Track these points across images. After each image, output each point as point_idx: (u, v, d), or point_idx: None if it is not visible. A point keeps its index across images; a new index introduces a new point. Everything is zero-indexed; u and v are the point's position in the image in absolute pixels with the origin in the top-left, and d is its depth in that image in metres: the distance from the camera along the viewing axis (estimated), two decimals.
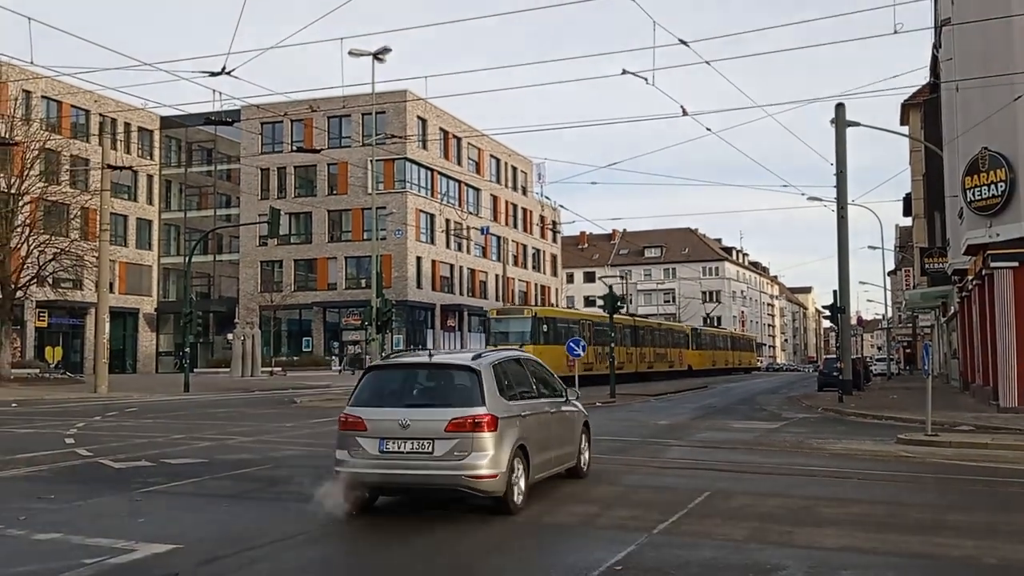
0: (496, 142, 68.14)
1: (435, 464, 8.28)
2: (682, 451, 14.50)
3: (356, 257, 58.83)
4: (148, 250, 62.60)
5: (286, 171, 61.42)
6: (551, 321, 38.09)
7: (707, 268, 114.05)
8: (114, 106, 50.90)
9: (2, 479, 10.82)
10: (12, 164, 39.33)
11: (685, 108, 20.99)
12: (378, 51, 36.14)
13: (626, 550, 6.96)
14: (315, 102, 46.74)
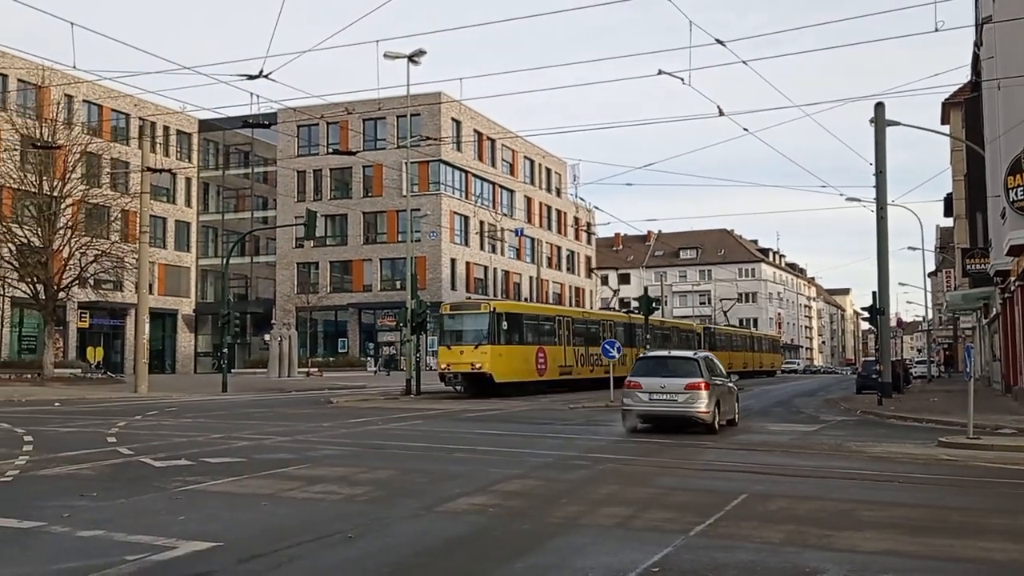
0: (530, 143, 68.15)
1: (677, 406, 17.07)
2: (718, 453, 14.40)
3: (391, 259, 59.13)
4: (186, 252, 63.34)
5: (322, 173, 61.88)
6: (515, 318, 32.62)
7: (743, 269, 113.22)
8: (153, 109, 51.63)
9: (46, 477, 10.99)
10: (55, 167, 40.00)
11: (722, 108, 20.91)
12: (413, 53, 36.35)
13: (662, 552, 6.93)
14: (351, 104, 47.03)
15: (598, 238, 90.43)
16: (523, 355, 31.64)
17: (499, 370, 29.95)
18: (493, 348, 30.10)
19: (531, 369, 31.89)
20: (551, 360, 33.43)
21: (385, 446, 14.94)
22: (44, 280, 39.61)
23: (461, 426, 19.27)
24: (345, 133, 57.63)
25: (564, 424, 19.97)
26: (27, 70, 46.03)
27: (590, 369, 36.64)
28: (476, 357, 29.72)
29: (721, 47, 18.22)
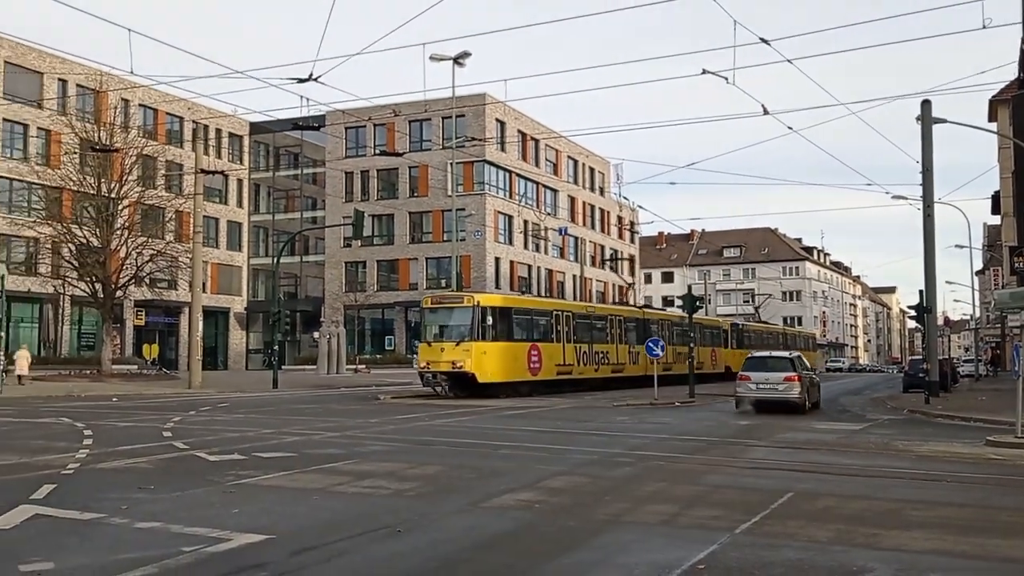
0: (574, 143, 67.98)
1: (778, 393, 22.44)
2: (764, 452, 14.26)
3: (436, 258, 59.32)
4: (238, 251, 64.12)
5: (369, 174, 62.28)
6: (503, 312, 29.16)
7: (787, 268, 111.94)
8: (206, 113, 52.41)
9: (105, 470, 11.19)
10: (112, 170, 40.73)
11: (766, 107, 20.70)
12: (458, 56, 36.53)
13: (708, 549, 6.88)
14: (397, 106, 47.36)
15: (642, 237, 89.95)
16: (512, 353, 28.74)
17: (483, 369, 27.27)
18: (477, 345, 27.19)
19: (522, 368, 29.17)
20: (547, 358, 30.53)
21: (432, 442, 15.00)
22: (102, 279, 40.33)
23: (506, 423, 19.29)
24: (392, 135, 57.95)
25: (608, 422, 19.89)
26: (85, 75, 46.87)
27: (595, 368, 33.92)
28: (457, 355, 26.96)
29: (766, 46, 18.02)
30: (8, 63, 47.19)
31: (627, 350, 36.85)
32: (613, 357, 35.47)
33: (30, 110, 48.22)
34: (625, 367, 36.44)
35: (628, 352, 36.95)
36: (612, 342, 35.85)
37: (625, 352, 36.76)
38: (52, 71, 48.97)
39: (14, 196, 46.57)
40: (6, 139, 46.85)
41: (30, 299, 46.37)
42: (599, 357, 34.36)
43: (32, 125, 48.47)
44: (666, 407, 25.33)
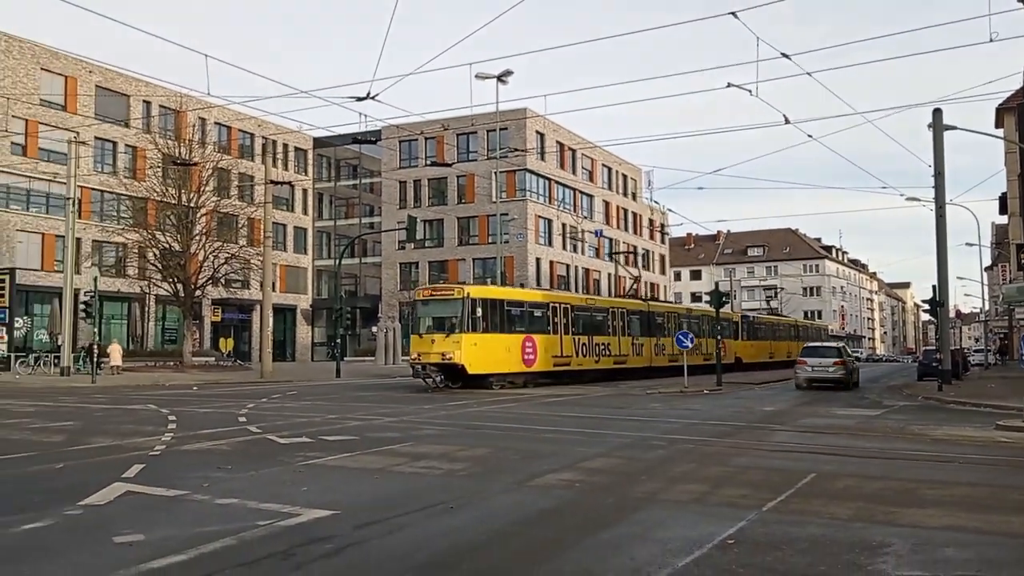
0: (608, 152, 67.68)
1: (828, 374, 27.56)
2: (787, 436, 14.08)
3: (482, 259, 59.39)
4: (303, 254, 64.75)
5: (421, 183, 62.54)
6: (494, 304, 26.96)
7: (808, 266, 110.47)
8: (274, 129, 52.97)
9: (188, 452, 11.36)
10: (191, 182, 41.36)
11: (787, 116, 20.42)
12: (501, 74, 36.58)
13: (737, 526, 6.81)
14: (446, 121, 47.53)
15: (671, 238, 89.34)
16: (504, 345, 26.70)
17: (473, 361, 25.46)
18: (467, 337, 25.31)
19: (515, 360, 27.16)
20: (543, 350, 28.51)
21: (480, 427, 15.03)
22: (183, 280, 40.97)
23: (547, 409, 19.27)
24: (441, 147, 58.16)
25: (642, 408, 19.78)
26: (167, 97, 47.65)
27: (595, 360, 31.73)
28: (447, 347, 25.16)
29: (787, 60, 17.78)
30: (99, 87, 48.08)
31: (630, 342, 34.67)
32: (615, 349, 33.26)
33: (118, 129, 49.12)
34: (628, 359, 34.31)
35: (631, 344, 34.79)
36: (614, 334, 33.47)
37: (628, 344, 34.46)
38: (137, 93, 49.83)
39: (105, 206, 47.46)
40: (97, 155, 47.73)
41: (119, 298, 47.23)
42: (600, 349, 32.22)
43: (120, 142, 49.37)
44: (695, 395, 25.13)
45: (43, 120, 44.74)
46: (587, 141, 61.83)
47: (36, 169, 44.29)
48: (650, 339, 36.46)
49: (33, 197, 45.11)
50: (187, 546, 6.00)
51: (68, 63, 46.05)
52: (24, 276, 42.33)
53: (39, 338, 43.42)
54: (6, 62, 43.70)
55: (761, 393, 26.89)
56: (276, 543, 6.17)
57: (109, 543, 6.16)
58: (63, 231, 36.70)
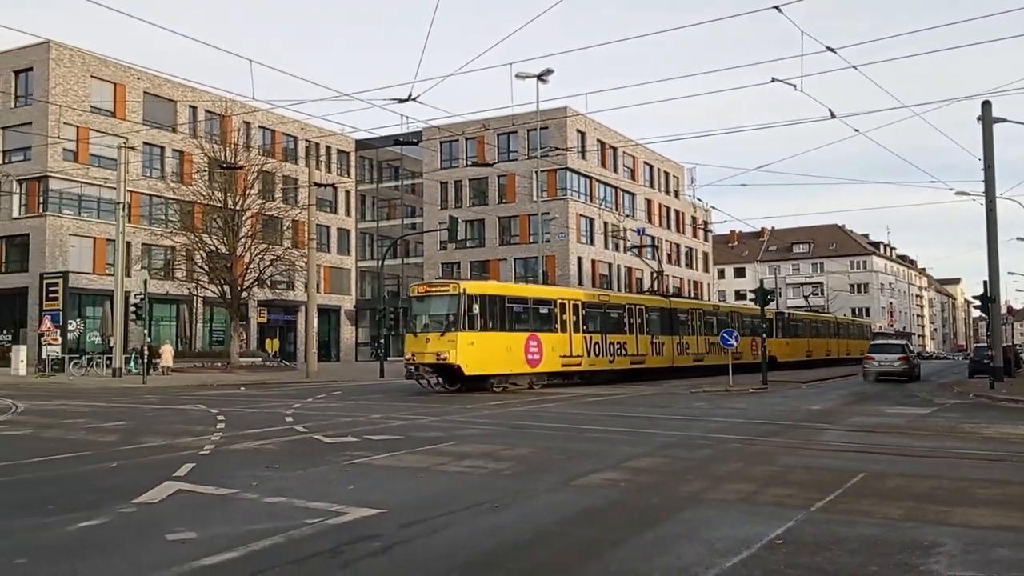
0: (649, 150, 67.29)
1: (893, 368, 31.56)
2: (835, 435, 13.87)
3: (524, 258, 59.44)
4: (347, 255, 65.40)
5: (462, 184, 62.78)
6: (493, 301, 25.34)
7: (854, 262, 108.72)
8: (317, 132, 53.54)
9: (236, 451, 11.53)
10: (236, 185, 41.98)
11: (833, 111, 20.12)
12: (541, 73, 36.57)
13: (785, 526, 6.73)
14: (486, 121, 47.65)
15: (715, 236, 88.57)
16: (505, 344, 25.13)
17: (470, 361, 23.96)
18: (463, 335, 23.73)
19: (517, 360, 25.62)
20: (549, 349, 26.85)
21: (523, 426, 15.04)
22: (229, 282, 41.61)
23: (590, 408, 19.22)
24: (482, 147, 58.33)
25: (686, 407, 19.63)
26: (212, 102, 48.44)
27: (609, 360, 29.95)
28: (442, 346, 23.67)
29: (832, 53, 17.52)
30: (147, 93, 49.04)
31: (649, 340, 32.74)
32: (632, 348, 31.45)
33: (166, 134, 50.05)
34: (647, 358, 32.49)
35: (650, 343, 32.86)
36: (631, 332, 31.60)
37: (647, 343, 32.58)
38: (184, 99, 50.71)
39: (153, 210, 48.40)
40: (146, 160, 48.68)
41: (168, 300, 48.12)
42: (615, 348, 30.40)
43: (167, 147, 50.31)
44: (740, 394, 24.87)
45: (93, 126, 45.75)
46: (628, 139, 61.53)
47: (87, 175, 45.30)
48: (672, 337, 34.61)
49: (84, 202, 46.15)
50: (238, 544, 6.10)
51: (117, 70, 47.02)
52: (77, 279, 43.40)
53: (91, 340, 44.41)
54: (57, 70, 44.76)
55: (808, 392, 26.53)
56: (324, 541, 6.24)
57: (162, 540, 6.29)
58: (114, 235, 37.47)
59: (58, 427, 14.85)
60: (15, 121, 45.58)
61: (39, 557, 5.86)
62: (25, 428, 14.81)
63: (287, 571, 5.51)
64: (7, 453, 11.40)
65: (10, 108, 45.84)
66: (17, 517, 7.18)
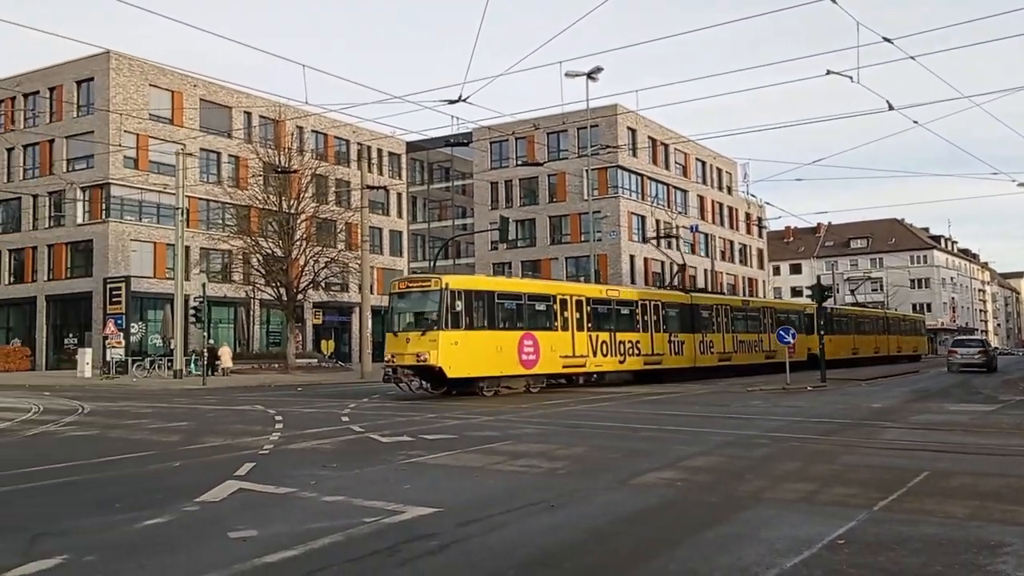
0: (701, 146, 66.67)
1: (974, 360, 38.07)
2: (897, 433, 13.58)
3: (575, 257, 59.31)
4: (399, 257, 65.94)
5: (512, 183, 62.89)
6: (479, 296, 23.25)
7: (915, 257, 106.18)
8: (368, 135, 54.08)
9: (294, 450, 11.71)
10: (291, 189, 42.61)
11: (891, 103, 19.69)
12: (591, 71, 36.44)
13: (847, 525, 6.61)
14: (536, 121, 47.58)
15: (769, 232, 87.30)
16: (494, 344, 23.12)
17: (454, 362, 21.98)
18: (445, 335, 21.77)
19: (509, 361, 23.57)
20: (547, 349, 24.74)
21: (578, 425, 15.01)
22: (285, 284, 42.25)
23: (644, 407, 19.10)
24: (532, 146, 58.35)
25: (742, 406, 19.39)
26: (266, 107, 49.30)
27: (619, 360, 27.93)
28: (423, 346, 21.76)
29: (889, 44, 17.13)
30: (203, 100, 50.05)
31: (666, 339, 30.46)
32: (647, 347, 29.23)
33: (221, 140, 51.02)
34: (664, 358, 30.25)
35: (668, 341, 30.56)
36: (645, 330, 29.39)
37: (663, 341, 30.26)
38: (239, 105, 51.66)
39: (211, 215, 49.37)
40: (203, 166, 49.67)
41: (226, 303, 49.03)
42: (627, 347, 28.25)
43: (223, 153, 51.27)
44: (798, 392, 24.49)
45: (152, 134, 46.86)
46: (680, 135, 61.04)
47: (147, 181, 46.41)
48: (693, 335, 32.19)
49: (145, 208, 47.30)
50: (297, 542, 6.20)
51: (174, 78, 48.08)
52: (138, 284, 44.51)
53: (153, 342, 45.50)
54: (117, 79, 45.94)
55: (868, 389, 26.01)
56: (382, 540, 6.31)
57: (225, 538, 6.42)
58: (173, 240, 38.33)
59: (123, 428, 15.24)
60: (78, 130, 46.90)
61: (108, 555, 6.02)
62: (92, 429, 15.23)
63: (346, 569, 5.58)
64: (76, 453, 11.74)
65: (73, 118, 47.18)
66: (87, 516, 7.39)
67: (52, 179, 47.22)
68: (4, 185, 49.49)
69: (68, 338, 46.80)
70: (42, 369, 45.73)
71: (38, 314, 48.05)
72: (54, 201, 48.04)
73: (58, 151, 47.42)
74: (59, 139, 47.17)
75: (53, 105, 48.04)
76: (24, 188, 48.80)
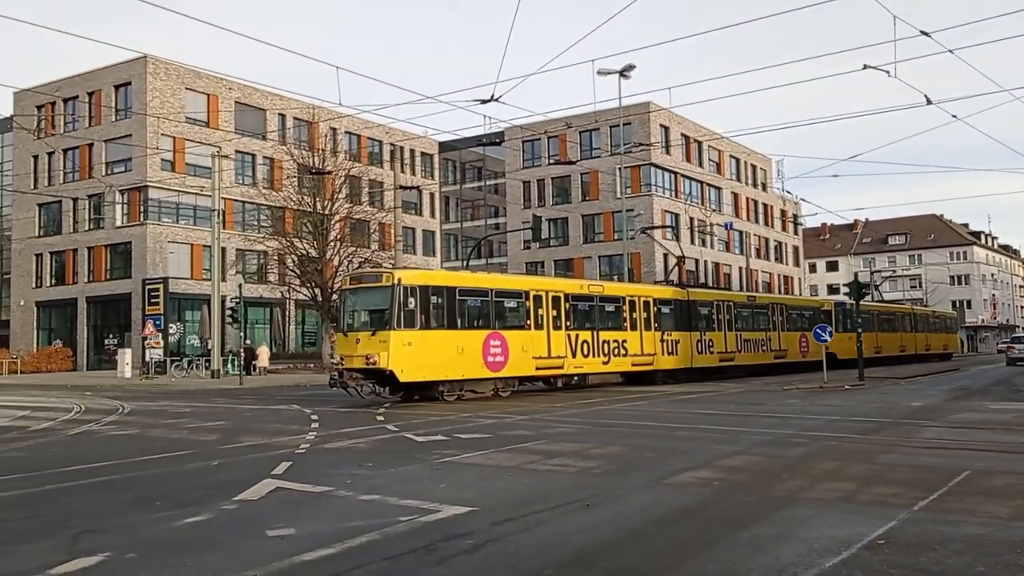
0: (735, 143, 66.14)
1: None
2: (937, 432, 13.38)
3: (608, 256, 59.15)
4: (432, 256, 66.20)
5: (545, 182, 62.86)
6: (435, 293, 20.89)
7: (954, 253, 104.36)
8: (401, 136, 54.36)
9: (330, 449, 11.81)
10: (325, 190, 42.96)
11: (929, 97, 19.40)
12: (623, 69, 36.28)
13: (887, 525, 6.53)
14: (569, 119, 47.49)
15: (805, 228, 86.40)
16: (455, 344, 20.96)
17: (407, 365, 19.90)
18: (396, 335, 19.62)
19: (473, 363, 21.42)
20: (518, 349, 22.64)
21: (612, 424, 14.97)
22: (320, 284, 42.58)
23: (679, 406, 19.00)
24: (564, 145, 58.26)
25: (778, 405, 19.21)
26: (300, 109, 49.74)
27: (603, 360, 25.67)
28: (372, 348, 19.69)
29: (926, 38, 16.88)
30: (238, 102, 50.63)
31: (658, 338, 28.17)
32: (635, 347, 27.10)
33: (256, 142, 51.57)
34: (656, 358, 28.01)
35: (660, 340, 28.28)
36: (634, 328, 27.13)
37: (653, 340, 27.96)
38: (273, 107, 52.17)
39: (246, 216, 49.94)
40: (238, 168, 50.26)
41: (262, 303, 49.56)
42: (611, 347, 26.08)
43: (258, 155, 51.82)
44: (835, 390, 24.20)
45: (188, 136, 47.48)
46: (713, 132, 60.60)
47: (184, 183, 47.06)
48: (689, 334, 29.82)
49: (181, 210, 47.96)
50: (334, 540, 6.25)
51: (210, 81, 48.69)
52: (176, 285, 45.16)
53: (190, 343, 46.13)
54: (154, 83, 46.63)
55: (907, 388, 25.64)
56: (418, 538, 6.34)
57: (263, 536, 6.49)
58: (209, 241, 38.82)
59: (162, 427, 15.47)
60: (116, 134, 47.67)
61: (149, 552, 6.12)
62: (132, 428, 15.49)
63: (383, 568, 5.62)
64: (117, 452, 11.94)
65: (111, 122, 47.97)
66: (128, 513, 7.52)
67: (91, 182, 48.05)
68: (45, 188, 50.47)
69: (108, 339, 47.61)
70: (83, 369, 46.56)
71: (79, 315, 48.94)
72: (93, 204, 48.90)
73: (97, 155, 48.24)
74: (98, 143, 47.99)
75: (92, 109, 48.89)
76: (64, 191, 49.73)
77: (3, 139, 58.10)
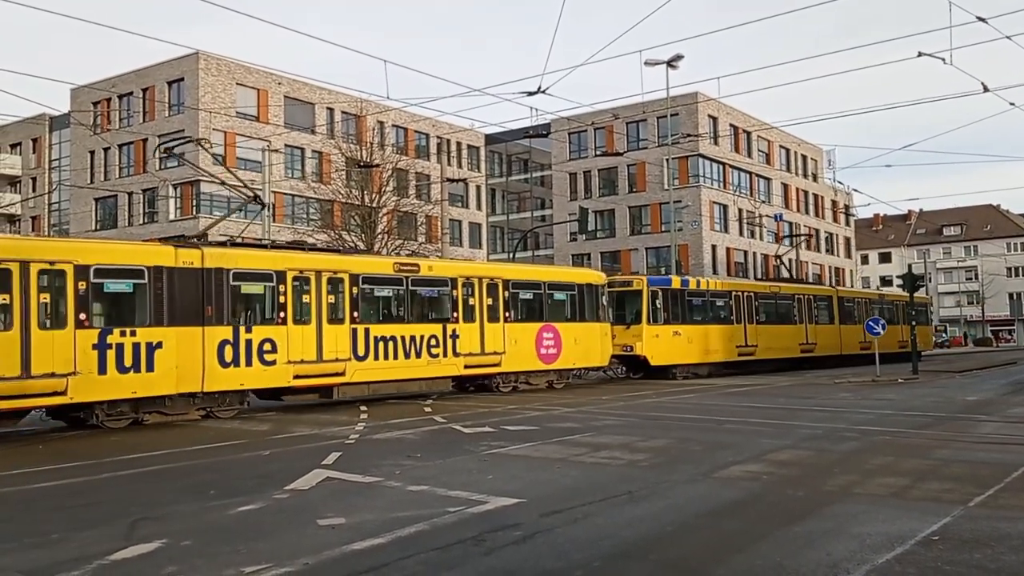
0: (785, 133, 65.15)
1: None
2: (994, 427, 13.08)
3: (655, 248, 58.72)
4: (479, 249, 66.35)
5: (591, 174, 62.56)
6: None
7: (1011, 244, 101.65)
8: (448, 129, 54.57)
9: (379, 440, 11.95)
10: (372, 183, 43.29)
11: (986, 84, 18.91)
12: (671, 59, 35.96)
13: (941, 521, 6.42)
14: (615, 110, 47.14)
15: (857, 219, 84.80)
16: None
17: None
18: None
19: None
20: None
21: (660, 417, 14.90)
22: None
23: (728, 399, 18.83)
24: (611, 136, 57.91)
25: (829, 398, 18.93)
26: (348, 103, 50.10)
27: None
28: None
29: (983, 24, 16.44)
30: (287, 97, 51.24)
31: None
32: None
33: (305, 135, 52.14)
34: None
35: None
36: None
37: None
38: (321, 101, 52.70)
39: (296, 210, 50.55)
40: (287, 162, 50.87)
41: None
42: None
43: (307, 148, 52.39)
44: (889, 384, 23.78)
45: (239, 131, 48.21)
46: (763, 122, 59.75)
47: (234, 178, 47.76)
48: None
49: (232, 204, 48.70)
50: (384, 530, 6.34)
51: (259, 76, 49.35)
52: None
53: None
54: (206, 79, 47.41)
55: (962, 382, 25.08)
56: (466, 529, 6.40)
57: (314, 525, 6.61)
58: (260, 235, 39.37)
59: (215, 417, 15.75)
60: (169, 129, 48.54)
61: (204, 539, 6.27)
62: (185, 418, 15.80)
63: (433, 557, 5.69)
64: (172, 441, 12.22)
65: (165, 117, 48.89)
66: (183, 502, 7.70)
67: (146, 176, 49.04)
68: (101, 183, 51.65)
69: None
70: None
71: None
72: (148, 198, 49.90)
73: (151, 149, 49.23)
74: (152, 138, 48.94)
75: (146, 105, 49.87)
76: (120, 186, 50.83)
77: (61, 135, 59.52)
